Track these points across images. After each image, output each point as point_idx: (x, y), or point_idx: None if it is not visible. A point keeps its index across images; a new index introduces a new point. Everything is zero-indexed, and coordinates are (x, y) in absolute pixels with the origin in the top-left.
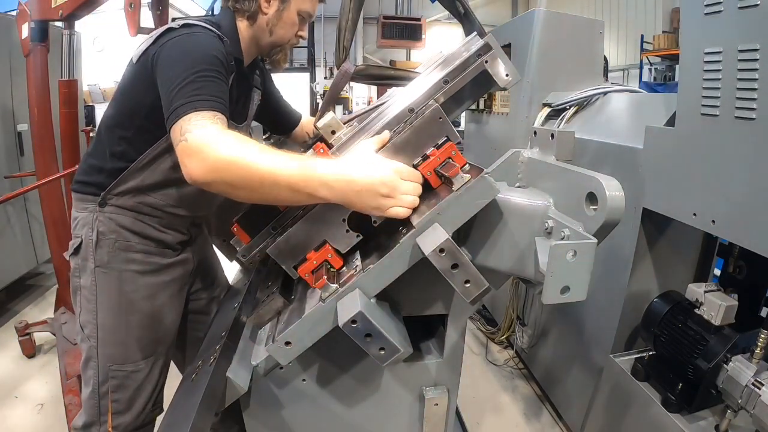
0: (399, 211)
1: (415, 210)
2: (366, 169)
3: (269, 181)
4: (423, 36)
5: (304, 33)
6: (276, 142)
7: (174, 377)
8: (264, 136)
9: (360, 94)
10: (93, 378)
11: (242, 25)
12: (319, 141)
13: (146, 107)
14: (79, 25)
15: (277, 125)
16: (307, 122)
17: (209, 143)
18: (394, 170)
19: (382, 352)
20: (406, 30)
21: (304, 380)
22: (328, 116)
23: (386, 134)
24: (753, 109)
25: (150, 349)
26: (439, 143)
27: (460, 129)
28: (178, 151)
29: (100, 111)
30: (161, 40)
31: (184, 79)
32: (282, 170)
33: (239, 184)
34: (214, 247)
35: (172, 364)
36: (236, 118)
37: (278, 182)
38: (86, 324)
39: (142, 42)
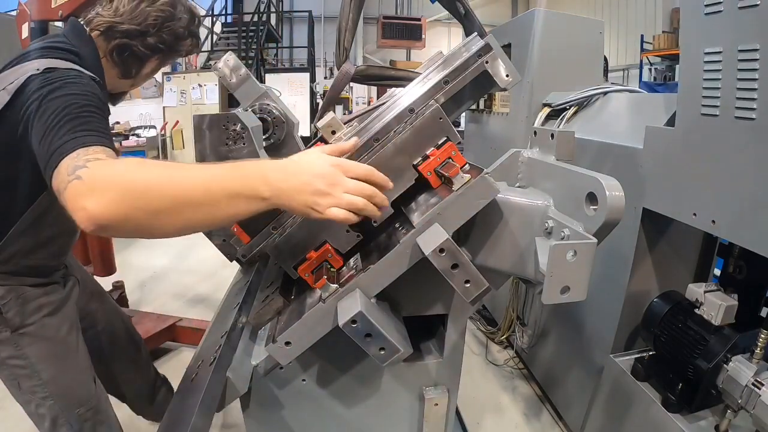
0: (337, 213)
1: (410, 211)
2: (301, 162)
3: (200, 192)
4: (423, 36)
5: None
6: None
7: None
8: (264, 136)
9: (360, 94)
10: None
11: (112, 72)
12: (319, 141)
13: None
14: None
15: None
16: None
17: (112, 172)
18: (334, 164)
19: (382, 352)
20: (406, 30)
21: (304, 380)
22: (329, 116)
23: (353, 141)
24: (753, 109)
25: (91, 373)
26: (439, 143)
27: (460, 129)
28: (67, 194)
29: None
30: (27, 93)
31: (66, 116)
32: (213, 175)
33: (163, 207)
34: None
35: None
36: None
37: (211, 189)
38: (34, 390)
39: None
